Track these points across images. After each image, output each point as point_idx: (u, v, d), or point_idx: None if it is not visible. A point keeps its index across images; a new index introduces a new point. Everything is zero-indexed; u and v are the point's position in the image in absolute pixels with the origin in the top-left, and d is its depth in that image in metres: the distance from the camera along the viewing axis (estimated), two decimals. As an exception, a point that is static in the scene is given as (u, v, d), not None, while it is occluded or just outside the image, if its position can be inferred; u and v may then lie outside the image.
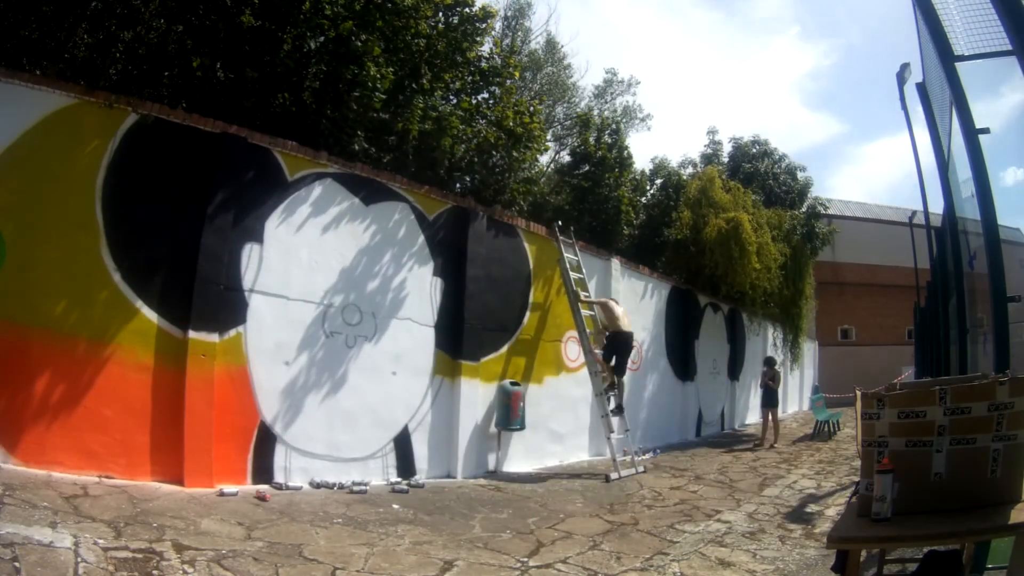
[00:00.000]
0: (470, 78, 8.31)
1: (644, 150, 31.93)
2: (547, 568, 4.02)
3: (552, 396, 8.42)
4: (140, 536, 3.64)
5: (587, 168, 11.52)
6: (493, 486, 6.72)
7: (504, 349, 7.82)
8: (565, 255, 8.52)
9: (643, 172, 14.73)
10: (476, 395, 7.32)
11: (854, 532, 2.51)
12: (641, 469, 7.93)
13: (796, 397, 20.03)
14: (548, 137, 11.81)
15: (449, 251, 7.31)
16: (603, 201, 11.22)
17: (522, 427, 7.52)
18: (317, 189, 6.16)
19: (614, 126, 12.40)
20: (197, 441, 5.08)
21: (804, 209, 16.73)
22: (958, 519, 2.30)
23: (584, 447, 9.09)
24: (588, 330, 8.12)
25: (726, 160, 17.73)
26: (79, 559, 3.12)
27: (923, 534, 2.38)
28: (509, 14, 15.89)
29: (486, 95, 8.60)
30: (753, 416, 15.99)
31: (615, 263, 10.01)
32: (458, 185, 8.14)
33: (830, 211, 21.92)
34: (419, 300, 6.73)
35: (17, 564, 2.88)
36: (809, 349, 21.09)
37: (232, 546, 3.78)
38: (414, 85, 7.24)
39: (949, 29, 3.38)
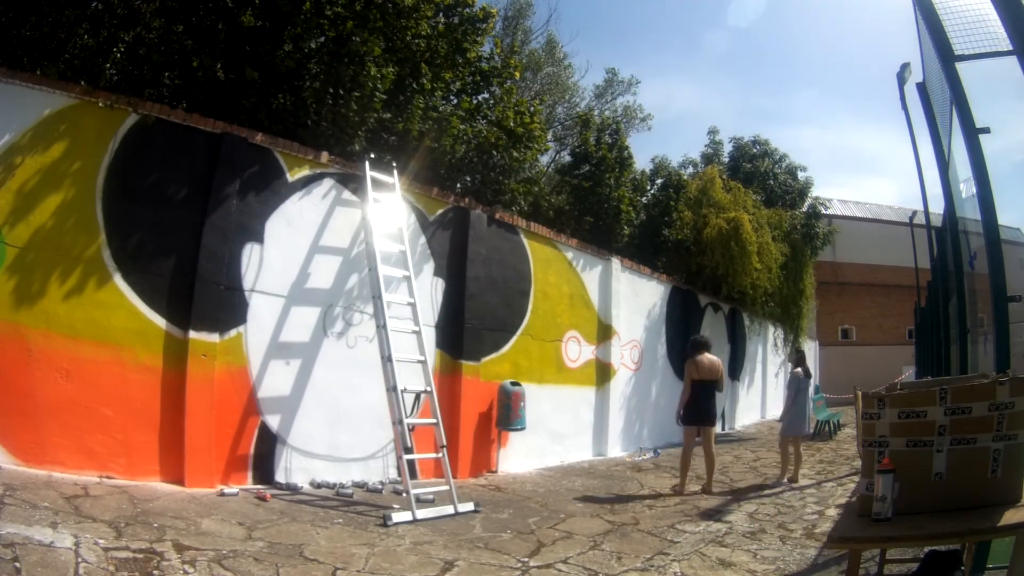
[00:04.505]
0: (470, 78, 8.31)
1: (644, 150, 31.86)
2: (548, 568, 4.02)
3: (552, 396, 8.42)
4: (141, 536, 3.64)
5: (587, 168, 11.53)
6: (493, 486, 6.72)
7: (505, 349, 7.83)
8: (371, 196, 6.15)
9: (643, 172, 14.75)
10: (477, 395, 7.32)
11: (854, 532, 2.51)
12: (470, 507, 5.36)
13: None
14: (548, 137, 11.81)
15: (450, 251, 7.31)
16: (603, 201, 11.22)
17: (523, 427, 7.52)
18: (318, 189, 6.16)
19: (614, 126, 12.41)
20: (197, 441, 5.08)
21: (804, 209, 16.76)
22: (958, 519, 2.30)
23: (586, 447, 9.11)
24: (385, 299, 5.77)
25: (726, 160, 17.76)
26: (80, 559, 3.12)
27: (923, 534, 2.38)
28: (509, 14, 15.92)
29: (486, 95, 8.61)
30: (753, 416, 16.00)
31: (615, 263, 10.01)
32: (458, 185, 8.14)
33: (830, 211, 21.95)
34: (420, 300, 6.71)
35: (18, 564, 2.88)
36: (809, 349, 21.09)
37: (233, 546, 3.78)
38: (414, 85, 7.24)
39: (949, 29, 3.38)
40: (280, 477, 5.62)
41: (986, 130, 3.23)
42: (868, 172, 60.80)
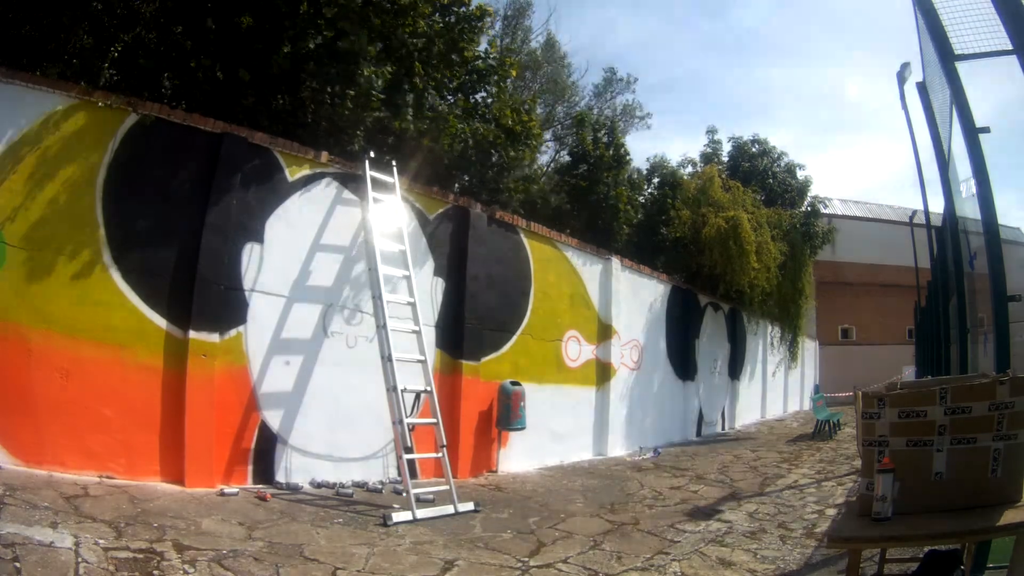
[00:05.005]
0: (467, 77, 8.31)
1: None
2: (548, 568, 4.02)
3: (552, 396, 8.42)
4: (141, 536, 3.64)
5: (584, 167, 11.53)
6: (494, 485, 6.72)
7: (504, 349, 7.82)
8: (371, 196, 6.16)
9: (639, 171, 14.76)
10: (477, 395, 7.32)
11: (854, 532, 2.51)
12: (470, 507, 5.38)
13: (796, 397, 20.07)
14: (548, 136, 11.83)
15: (450, 251, 7.30)
16: (601, 200, 11.22)
17: (523, 427, 7.52)
18: (317, 188, 6.16)
19: (610, 124, 12.41)
20: (197, 441, 5.08)
21: (803, 208, 16.78)
22: (958, 519, 2.30)
23: (586, 447, 9.11)
24: (385, 299, 5.80)
25: (726, 159, 17.77)
26: (80, 559, 3.12)
27: (923, 534, 2.39)
28: (509, 13, 15.93)
29: (483, 94, 8.61)
30: (753, 415, 16.01)
31: (615, 262, 10.01)
32: (457, 184, 8.14)
33: (830, 210, 21.96)
34: (420, 300, 6.72)
35: (18, 564, 2.88)
36: (809, 348, 21.12)
37: (233, 546, 3.78)
38: (412, 84, 7.24)
39: (949, 29, 3.38)
40: (280, 477, 5.62)
41: (986, 130, 3.23)
42: (860, 128, 53.38)
